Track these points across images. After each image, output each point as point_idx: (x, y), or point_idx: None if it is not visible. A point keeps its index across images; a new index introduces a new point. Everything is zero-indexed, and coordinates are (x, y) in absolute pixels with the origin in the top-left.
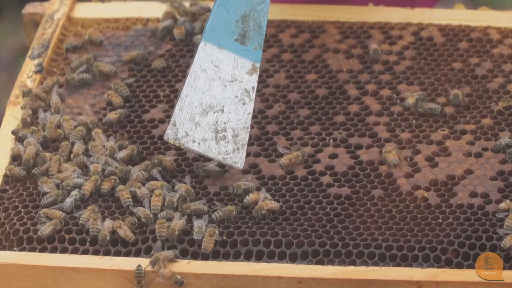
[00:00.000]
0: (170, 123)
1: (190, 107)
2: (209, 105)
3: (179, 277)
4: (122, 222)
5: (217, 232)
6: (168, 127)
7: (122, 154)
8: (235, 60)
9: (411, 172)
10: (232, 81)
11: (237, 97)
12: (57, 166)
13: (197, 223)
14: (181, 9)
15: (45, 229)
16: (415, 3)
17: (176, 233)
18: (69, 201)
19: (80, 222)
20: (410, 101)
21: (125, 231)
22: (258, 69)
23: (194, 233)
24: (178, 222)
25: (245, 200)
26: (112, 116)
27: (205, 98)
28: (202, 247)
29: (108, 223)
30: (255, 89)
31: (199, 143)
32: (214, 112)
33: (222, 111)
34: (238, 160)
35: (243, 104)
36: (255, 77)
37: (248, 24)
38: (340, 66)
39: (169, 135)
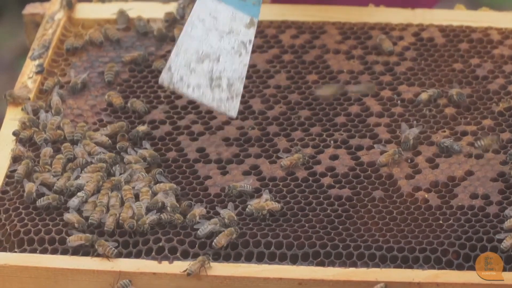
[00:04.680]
0: (165, 68)
1: (186, 54)
2: (205, 53)
3: (204, 257)
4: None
5: (234, 235)
6: (163, 71)
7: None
8: (233, 13)
9: (411, 173)
10: (229, 33)
11: (233, 48)
12: (60, 165)
13: (206, 223)
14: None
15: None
16: (416, 3)
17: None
18: (76, 201)
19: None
20: (423, 96)
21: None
22: (256, 24)
23: (214, 230)
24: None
25: (247, 210)
26: (141, 128)
27: (201, 47)
28: (214, 241)
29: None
30: (251, 43)
31: (193, 89)
32: (210, 60)
33: (218, 60)
34: (232, 108)
35: (239, 55)
36: (252, 31)
37: None
38: (340, 67)
39: (164, 78)
